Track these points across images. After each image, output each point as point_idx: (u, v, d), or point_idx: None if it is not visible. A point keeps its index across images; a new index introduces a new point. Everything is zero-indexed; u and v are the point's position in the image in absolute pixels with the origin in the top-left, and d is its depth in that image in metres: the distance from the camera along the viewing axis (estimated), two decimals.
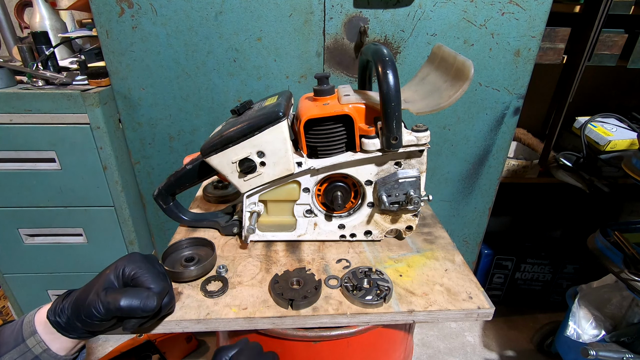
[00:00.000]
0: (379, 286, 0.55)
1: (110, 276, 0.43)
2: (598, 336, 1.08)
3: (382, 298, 0.53)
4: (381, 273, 0.58)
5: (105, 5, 0.95)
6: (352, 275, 0.57)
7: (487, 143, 1.18)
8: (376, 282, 0.55)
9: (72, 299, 0.43)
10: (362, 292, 0.54)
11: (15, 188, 1.08)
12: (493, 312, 0.53)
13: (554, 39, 1.08)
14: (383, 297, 0.53)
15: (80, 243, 1.19)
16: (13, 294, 1.28)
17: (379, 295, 0.53)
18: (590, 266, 1.48)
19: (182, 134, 1.14)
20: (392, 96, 0.50)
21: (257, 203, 0.64)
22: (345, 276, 0.57)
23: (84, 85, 1.04)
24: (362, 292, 0.54)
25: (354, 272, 0.58)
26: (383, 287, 0.54)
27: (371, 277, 0.57)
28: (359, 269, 0.59)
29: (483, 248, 1.50)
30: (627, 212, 1.60)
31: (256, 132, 0.56)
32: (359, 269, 0.59)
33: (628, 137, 1.19)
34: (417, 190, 0.59)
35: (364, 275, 0.57)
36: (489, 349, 1.46)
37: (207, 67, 1.04)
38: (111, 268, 0.45)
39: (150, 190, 1.24)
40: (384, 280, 0.56)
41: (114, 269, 0.44)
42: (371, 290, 0.54)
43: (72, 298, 0.43)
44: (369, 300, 0.53)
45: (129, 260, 0.45)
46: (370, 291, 0.54)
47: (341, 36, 1.01)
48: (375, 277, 0.57)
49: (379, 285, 0.55)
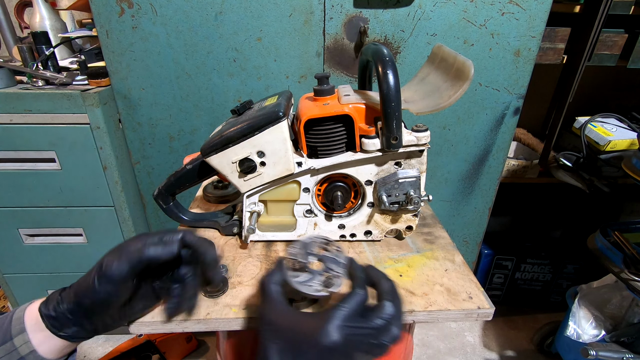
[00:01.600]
0: (330, 270, 0.42)
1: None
2: (598, 336, 1.08)
3: (327, 287, 0.41)
4: (339, 249, 0.45)
5: (105, 5, 0.95)
6: (304, 248, 0.43)
7: (487, 143, 1.18)
8: (327, 264, 0.43)
9: (76, 283, 0.39)
10: (307, 275, 0.42)
11: (15, 188, 1.08)
12: (493, 312, 0.53)
13: (554, 39, 1.08)
14: (328, 288, 0.41)
15: (80, 243, 1.19)
16: (13, 294, 1.28)
17: (324, 284, 0.41)
18: (590, 266, 1.48)
19: (182, 134, 1.14)
20: (392, 96, 0.50)
21: (257, 203, 0.64)
22: (292, 246, 0.44)
23: (84, 85, 1.04)
24: (307, 275, 0.42)
25: (306, 244, 0.44)
26: (334, 273, 0.42)
27: (324, 255, 0.44)
28: (313, 239, 0.45)
29: (483, 248, 1.50)
30: (627, 212, 1.60)
31: (256, 132, 0.56)
32: (313, 240, 0.45)
33: (628, 137, 1.19)
34: (417, 190, 0.59)
35: (319, 250, 0.45)
36: (489, 349, 1.46)
37: (207, 67, 1.04)
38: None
39: (150, 190, 1.24)
40: (336, 263, 0.43)
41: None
42: (315, 275, 0.42)
43: (75, 284, 0.40)
44: (311, 290, 0.41)
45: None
46: (316, 276, 0.42)
47: (341, 36, 1.01)
48: (329, 256, 0.44)
49: (330, 268, 0.42)
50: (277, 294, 0.39)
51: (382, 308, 0.37)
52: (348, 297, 0.37)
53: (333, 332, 0.34)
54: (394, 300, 0.38)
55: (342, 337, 0.35)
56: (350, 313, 0.36)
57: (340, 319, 0.35)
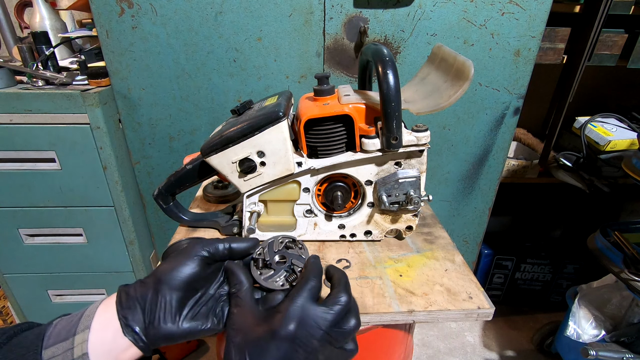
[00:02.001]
0: (293, 265, 0.44)
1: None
2: (598, 336, 1.08)
3: (290, 284, 0.43)
4: (301, 247, 0.48)
5: (105, 5, 0.95)
6: (269, 247, 0.46)
7: (487, 143, 1.18)
8: (290, 260, 0.45)
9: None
10: (271, 272, 0.44)
11: (15, 188, 1.08)
12: (493, 312, 0.53)
13: (554, 39, 1.08)
14: (291, 281, 0.43)
15: (80, 243, 1.19)
16: (13, 294, 1.28)
17: (288, 279, 0.43)
18: (590, 266, 1.48)
19: (182, 134, 1.14)
20: (392, 96, 0.50)
21: (257, 203, 0.64)
22: (262, 247, 0.46)
23: (84, 85, 1.04)
24: (271, 272, 0.44)
25: (271, 243, 0.47)
26: (297, 267, 0.44)
27: (288, 252, 0.46)
28: (279, 238, 0.48)
29: (483, 248, 1.50)
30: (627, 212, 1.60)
31: (256, 132, 0.56)
32: (278, 238, 0.48)
33: (628, 137, 1.19)
34: (417, 190, 0.59)
35: (283, 248, 0.47)
36: (489, 349, 1.46)
37: (207, 67, 1.04)
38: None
39: (150, 190, 1.24)
40: (299, 259, 0.45)
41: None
42: (281, 271, 0.44)
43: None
44: (275, 285, 0.43)
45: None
46: (279, 271, 0.44)
47: (341, 36, 1.01)
48: (293, 253, 0.46)
49: (293, 264, 0.45)
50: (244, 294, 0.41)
51: (336, 296, 0.38)
52: (300, 287, 0.38)
53: (289, 322, 0.35)
54: (347, 290, 0.39)
55: (297, 327, 0.35)
56: (304, 302, 0.36)
57: (295, 311, 0.36)
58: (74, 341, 0.34)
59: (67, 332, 0.34)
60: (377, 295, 0.55)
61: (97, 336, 0.34)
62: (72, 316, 0.36)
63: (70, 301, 1.30)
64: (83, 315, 0.36)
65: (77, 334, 0.34)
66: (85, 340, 0.34)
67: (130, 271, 1.26)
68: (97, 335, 0.34)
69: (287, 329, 0.35)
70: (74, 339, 0.34)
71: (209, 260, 0.40)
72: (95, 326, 0.35)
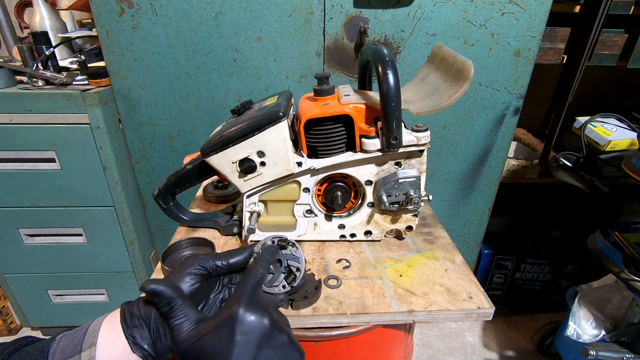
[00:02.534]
0: (289, 267, 0.45)
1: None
2: (598, 336, 1.08)
3: (290, 285, 0.44)
4: (294, 246, 0.47)
5: (105, 5, 0.95)
6: (264, 252, 0.46)
7: (487, 143, 1.18)
8: (286, 261, 0.46)
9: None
10: (270, 277, 0.45)
11: (15, 188, 1.08)
12: (493, 312, 0.53)
13: (554, 39, 1.08)
14: (290, 282, 0.44)
15: (80, 243, 1.19)
16: (13, 294, 1.28)
17: (286, 280, 0.44)
18: (590, 266, 1.48)
19: (182, 134, 1.14)
20: (392, 96, 0.50)
21: (257, 203, 0.64)
22: (256, 252, 0.45)
23: (84, 85, 1.04)
24: (270, 277, 0.45)
25: (265, 247, 0.46)
26: (293, 267, 0.45)
27: (282, 253, 0.46)
28: (273, 239, 0.48)
29: (483, 248, 1.50)
30: (627, 212, 1.60)
31: (256, 132, 0.56)
32: (270, 239, 0.48)
33: (628, 137, 1.19)
34: (417, 190, 0.59)
35: (277, 249, 0.47)
36: (489, 349, 1.46)
37: (207, 67, 1.04)
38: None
39: (150, 190, 1.23)
40: (294, 258, 0.46)
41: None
42: (278, 274, 0.45)
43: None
44: (277, 289, 0.44)
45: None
46: (278, 275, 0.45)
47: (341, 36, 1.01)
48: (287, 254, 0.46)
49: (289, 265, 0.45)
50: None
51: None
52: (246, 279, 0.40)
53: (246, 315, 0.36)
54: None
55: (256, 315, 0.36)
56: (251, 293, 0.38)
57: (244, 304, 0.37)
58: (80, 357, 0.35)
59: (73, 349, 0.36)
60: (377, 295, 0.55)
61: (105, 353, 0.35)
62: (75, 332, 0.37)
63: (70, 301, 1.30)
64: (87, 332, 0.37)
65: (83, 350, 0.35)
66: (92, 357, 0.35)
67: (130, 271, 1.26)
68: (105, 353, 0.35)
69: (247, 321, 0.36)
70: (80, 355, 0.35)
71: (206, 277, 0.41)
72: (101, 344, 0.36)
